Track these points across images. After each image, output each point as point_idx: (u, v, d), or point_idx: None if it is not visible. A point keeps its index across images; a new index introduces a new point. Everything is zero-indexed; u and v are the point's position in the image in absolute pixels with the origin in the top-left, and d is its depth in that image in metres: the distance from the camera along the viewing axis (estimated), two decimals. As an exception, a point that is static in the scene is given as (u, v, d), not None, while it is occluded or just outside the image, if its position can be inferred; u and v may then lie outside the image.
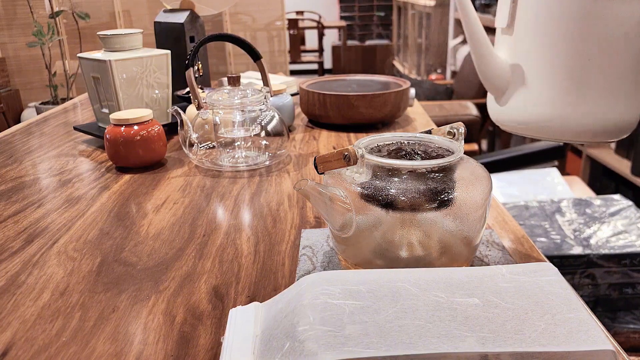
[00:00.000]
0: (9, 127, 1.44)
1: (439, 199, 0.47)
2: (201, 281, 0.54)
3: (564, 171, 2.41)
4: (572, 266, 1.17)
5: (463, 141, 0.53)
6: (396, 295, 0.38)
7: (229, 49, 3.47)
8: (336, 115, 1.09)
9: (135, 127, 0.86)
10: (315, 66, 6.05)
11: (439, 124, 0.72)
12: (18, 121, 3.20)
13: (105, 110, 1.01)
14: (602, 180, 2.20)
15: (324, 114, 1.10)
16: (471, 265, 0.54)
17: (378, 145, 0.54)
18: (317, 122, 1.15)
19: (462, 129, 0.53)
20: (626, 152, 2.02)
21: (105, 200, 0.76)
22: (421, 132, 0.56)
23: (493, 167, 1.73)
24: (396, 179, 0.47)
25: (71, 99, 2.40)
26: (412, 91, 1.22)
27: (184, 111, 0.95)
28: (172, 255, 0.60)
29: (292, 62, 5.17)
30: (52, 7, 3.02)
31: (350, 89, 1.13)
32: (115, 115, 0.86)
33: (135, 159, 0.86)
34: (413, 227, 0.50)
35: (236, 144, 0.90)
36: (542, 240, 1.22)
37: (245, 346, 0.39)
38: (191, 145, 0.88)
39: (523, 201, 1.43)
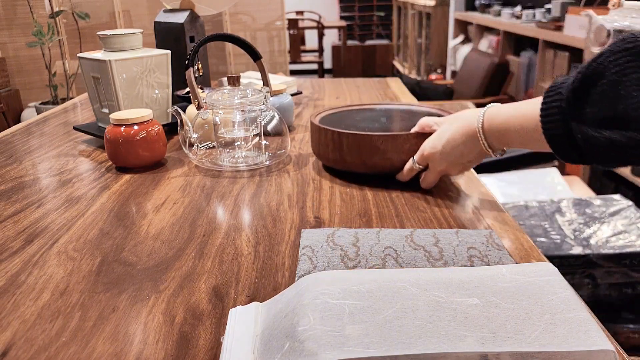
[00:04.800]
0: (9, 127, 1.45)
1: None
2: (201, 281, 0.54)
3: (564, 171, 2.40)
4: (572, 266, 1.17)
5: None
6: (396, 295, 0.38)
7: (229, 49, 3.47)
8: (355, 161, 0.77)
9: (135, 127, 0.86)
10: (315, 66, 6.05)
11: (439, 124, 0.72)
12: (18, 121, 3.20)
13: (105, 110, 1.01)
14: (602, 180, 2.20)
15: (338, 158, 0.78)
16: (471, 265, 0.54)
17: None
18: (332, 168, 0.83)
19: None
20: (626, 152, 2.02)
21: (105, 200, 0.76)
22: None
23: (493, 167, 1.73)
24: None
25: (71, 99, 2.40)
26: None
27: (184, 111, 0.95)
28: (172, 255, 0.60)
29: (292, 62, 5.17)
30: (52, 7, 3.02)
31: (376, 125, 0.84)
32: (115, 115, 0.86)
33: (135, 159, 0.86)
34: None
35: (236, 144, 0.90)
36: (542, 240, 1.22)
37: (245, 346, 0.39)
38: (191, 145, 0.88)
39: (523, 201, 1.43)
